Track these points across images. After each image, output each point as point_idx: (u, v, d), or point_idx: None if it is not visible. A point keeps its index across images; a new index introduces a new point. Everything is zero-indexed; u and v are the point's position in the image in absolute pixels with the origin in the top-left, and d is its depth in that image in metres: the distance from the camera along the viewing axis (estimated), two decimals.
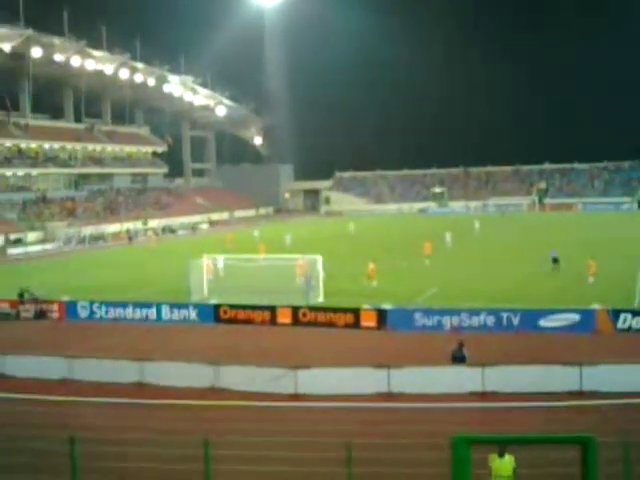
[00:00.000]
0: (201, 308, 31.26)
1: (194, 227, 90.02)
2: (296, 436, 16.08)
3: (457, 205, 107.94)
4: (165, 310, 31.19)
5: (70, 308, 32.69)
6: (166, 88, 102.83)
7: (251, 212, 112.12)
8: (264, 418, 18.16)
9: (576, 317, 26.12)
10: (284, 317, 29.46)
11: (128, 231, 78.96)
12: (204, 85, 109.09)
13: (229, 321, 30.02)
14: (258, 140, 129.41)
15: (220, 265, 40.25)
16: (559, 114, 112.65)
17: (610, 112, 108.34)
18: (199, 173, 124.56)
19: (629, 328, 25.61)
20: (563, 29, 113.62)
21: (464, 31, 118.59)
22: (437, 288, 36.27)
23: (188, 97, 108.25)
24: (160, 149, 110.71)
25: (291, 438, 15.91)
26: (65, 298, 33.45)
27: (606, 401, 18.01)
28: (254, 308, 30.23)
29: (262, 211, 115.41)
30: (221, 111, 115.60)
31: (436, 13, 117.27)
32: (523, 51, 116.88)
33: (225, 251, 47.35)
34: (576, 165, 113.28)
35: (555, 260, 40.57)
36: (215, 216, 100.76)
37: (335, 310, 29.21)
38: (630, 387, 18.31)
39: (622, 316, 25.79)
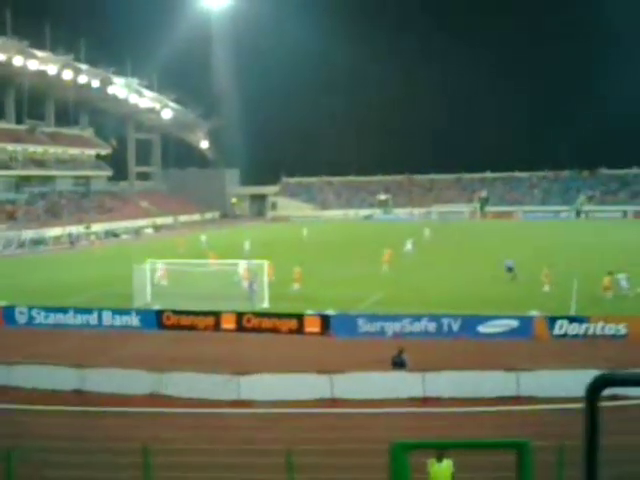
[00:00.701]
0: (144, 314, 30.94)
1: (138, 231, 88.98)
2: (238, 443, 16.10)
3: (401, 212, 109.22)
4: (106, 316, 30.76)
5: (7, 313, 31.94)
6: (111, 90, 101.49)
7: (196, 217, 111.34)
8: (206, 425, 18.12)
9: (514, 323, 26.79)
10: (228, 323, 29.43)
11: (70, 235, 77.60)
12: (150, 88, 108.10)
13: (172, 327, 29.80)
14: (204, 144, 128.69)
15: (159, 272, 39.85)
16: (500, 123, 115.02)
17: (549, 122, 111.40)
18: (144, 177, 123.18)
19: (565, 334, 26.39)
20: (509, 37, 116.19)
21: (413, 37, 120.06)
22: (381, 294, 36.68)
23: (133, 99, 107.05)
24: (104, 152, 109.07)
25: (233, 445, 15.93)
26: (2, 303, 32.70)
27: (542, 406, 18.49)
28: (198, 314, 30.10)
29: (208, 216, 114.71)
30: (167, 114, 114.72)
31: (384, 19, 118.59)
32: (469, 60, 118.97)
33: (177, 256, 47.05)
34: (516, 174, 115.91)
35: (510, 269, 40.98)
36: (160, 220, 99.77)
37: (279, 316, 29.34)
38: (565, 392, 18.85)
39: (558, 322, 26.55)
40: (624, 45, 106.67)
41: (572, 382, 19.43)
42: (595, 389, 2.59)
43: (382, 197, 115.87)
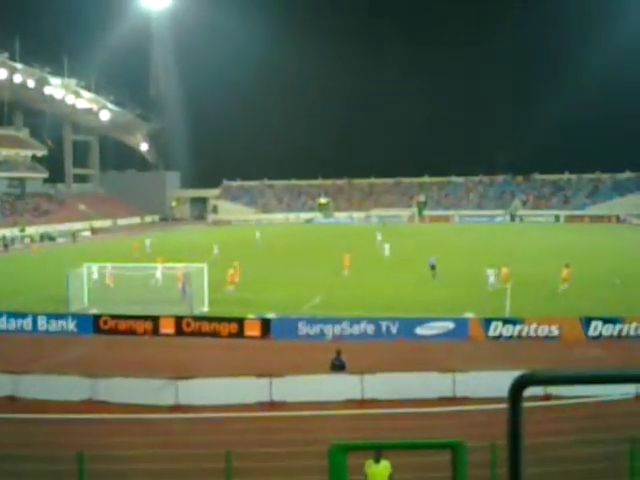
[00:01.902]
0: (80, 319, 30.34)
1: (75, 235, 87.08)
2: (176, 448, 15.99)
3: (342, 216, 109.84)
4: (41, 320, 30.04)
5: None
6: (47, 90, 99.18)
7: (136, 220, 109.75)
8: (143, 430, 17.92)
9: (450, 325, 27.31)
10: (167, 327, 29.12)
11: (4, 238, 75.53)
12: (88, 88, 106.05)
13: (110, 332, 29.32)
14: (144, 146, 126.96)
15: (95, 276, 39.24)
16: (438, 129, 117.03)
17: (485, 128, 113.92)
18: (82, 179, 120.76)
19: (500, 336, 27.03)
20: (447, 43, 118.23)
21: (354, 42, 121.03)
22: (321, 297, 36.85)
23: (70, 100, 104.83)
24: (40, 153, 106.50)
25: (171, 450, 15.82)
26: None
27: (476, 406, 18.89)
28: (136, 318, 29.68)
29: (147, 219, 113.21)
30: (105, 115, 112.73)
31: (326, 22, 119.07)
32: (407, 66, 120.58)
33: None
34: (453, 179, 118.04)
35: (433, 267, 42.93)
36: (98, 224, 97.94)
37: (219, 320, 29.18)
38: (498, 392, 19.25)
39: (493, 324, 27.17)
40: (560, 55, 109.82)
41: (505, 383, 19.76)
42: (517, 388, 2.63)
43: (323, 201, 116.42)
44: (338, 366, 20.90)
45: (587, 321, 26.97)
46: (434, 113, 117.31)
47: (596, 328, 26.72)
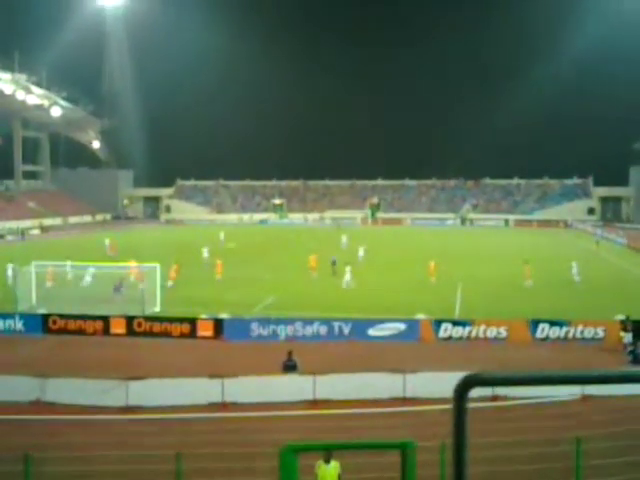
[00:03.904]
0: (28, 318, 29.78)
1: (24, 233, 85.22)
2: (126, 449, 15.86)
3: (296, 217, 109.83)
4: None
5: None
6: None
7: (87, 218, 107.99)
8: (92, 432, 17.72)
9: (402, 327, 27.60)
10: (118, 327, 28.79)
11: None
12: (39, 84, 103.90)
13: (59, 331, 28.86)
14: (96, 144, 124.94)
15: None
16: (392, 133, 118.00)
17: (437, 134, 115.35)
18: (32, 176, 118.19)
19: (450, 337, 27.43)
20: (392, 49, 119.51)
21: (309, 46, 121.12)
22: (274, 297, 36.85)
23: (21, 96, 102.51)
24: None
25: (120, 451, 15.68)
26: None
27: (426, 406, 19.14)
28: (86, 318, 29.28)
29: (99, 217, 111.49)
30: (56, 112, 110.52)
31: (281, 24, 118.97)
32: (360, 70, 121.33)
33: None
34: (406, 182, 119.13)
35: (334, 263, 45.02)
36: (48, 221, 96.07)
37: (171, 320, 28.97)
38: (448, 393, 19.48)
39: (443, 326, 27.57)
40: (511, 63, 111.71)
41: (454, 383, 20.22)
42: (462, 389, 2.66)
43: (277, 202, 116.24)
44: (290, 367, 20.96)
45: (534, 323, 27.57)
46: (388, 117, 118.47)
47: (543, 330, 27.33)
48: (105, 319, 28.98)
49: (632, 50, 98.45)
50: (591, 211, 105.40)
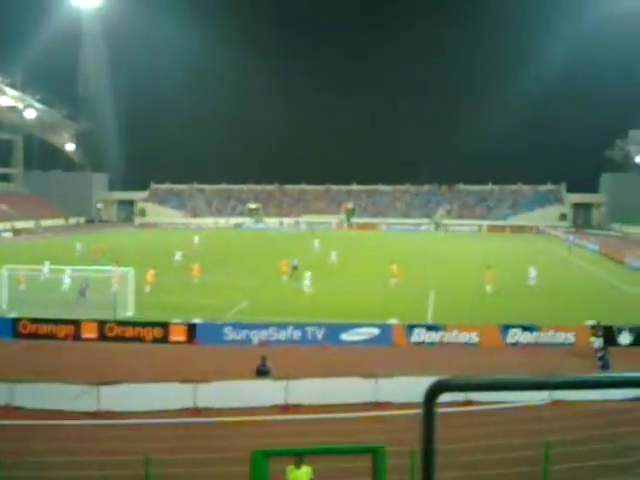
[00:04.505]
0: None
1: None
2: (96, 455, 15.72)
3: (271, 221, 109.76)
4: None
5: None
6: None
7: (60, 221, 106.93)
8: (63, 437, 17.52)
9: (375, 331, 27.69)
10: (89, 332, 28.51)
11: None
12: (13, 86, 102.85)
13: (29, 336, 28.51)
14: (71, 146, 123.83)
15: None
16: (367, 139, 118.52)
17: (412, 140, 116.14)
18: (4, 178, 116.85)
19: (422, 342, 27.57)
20: (367, 58, 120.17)
21: (285, 50, 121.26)
22: (247, 302, 36.76)
23: None
24: None
25: (92, 457, 15.53)
26: None
27: (398, 411, 19.20)
28: (57, 322, 28.95)
29: (72, 221, 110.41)
30: (31, 114, 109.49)
31: (257, 27, 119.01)
32: (338, 76, 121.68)
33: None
34: (380, 187, 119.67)
35: (295, 268, 45.36)
36: (20, 224, 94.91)
37: (143, 324, 28.76)
38: (420, 397, 19.58)
39: (416, 330, 27.72)
40: (485, 71, 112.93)
41: (426, 387, 20.33)
42: (432, 394, 2.68)
43: (252, 206, 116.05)
44: (263, 372, 20.92)
45: (505, 328, 27.81)
46: (364, 123, 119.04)
47: (514, 335, 27.57)
48: (76, 323, 28.68)
49: (605, 59, 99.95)
50: (563, 217, 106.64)
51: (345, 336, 27.55)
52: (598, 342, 25.68)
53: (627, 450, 16.29)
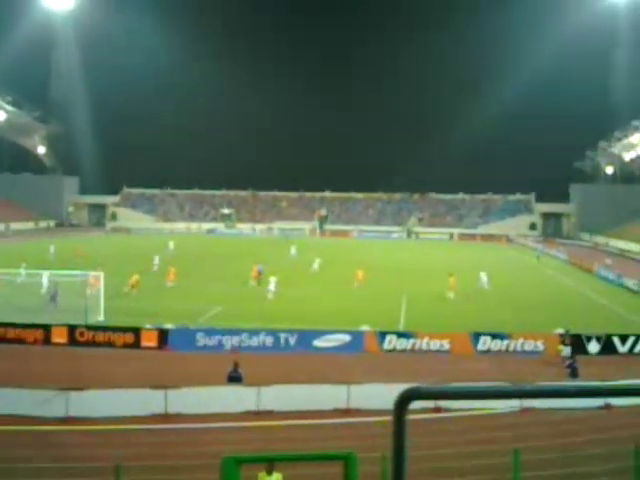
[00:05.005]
0: None
1: None
2: (64, 461, 15.57)
3: (244, 227, 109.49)
4: None
5: None
6: None
7: (30, 225, 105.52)
8: (31, 443, 17.32)
9: (347, 338, 27.79)
10: (59, 336, 28.22)
11: None
12: None
13: None
14: (42, 149, 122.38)
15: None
16: (340, 147, 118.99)
17: (385, 148, 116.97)
18: None
19: (394, 349, 27.71)
20: (343, 64, 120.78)
21: (259, 54, 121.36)
22: (220, 308, 36.65)
23: None
24: None
25: (59, 464, 15.38)
26: None
27: (370, 418, 19.29)
28: (26, 327, 28.62)
29: (43, 224, 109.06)
30: (0, 116, 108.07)
31: (230, 31, 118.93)
32: (310, 85, 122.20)
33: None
34: (353, 194, 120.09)
35: (260, 273, 45.75)
36: None
37: (114, 329, 28.55)
38: (391, 404, 19.69)
39: (388, 337, 27.86)
40: (458, 83, 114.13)
41: (397, 395, 20.45)
42: (402, 402, 2.72)
43: (225, 211, 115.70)
44: (235, 378, 20.88)
45: (476, 336, 28.07)
46: (338, 130, 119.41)
47: (485, 343, 27.84)
48: (46, 328, 28.38)
49: (576, 71, 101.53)
50: (533, 226, 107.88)
51: (317, 342, 27.61)
52: (566, 350, 26.04)
53: (594, 458, 16.52)
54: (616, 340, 28.03)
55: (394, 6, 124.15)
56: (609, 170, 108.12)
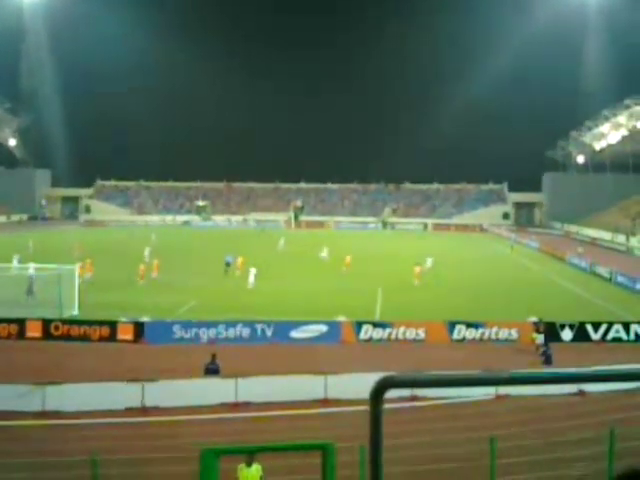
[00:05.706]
0: None
1: None
2: (41, 455, 15.50)
3: (219, 219, 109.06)
4: None
5: None
6: None
7: (2, 219, 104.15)
8: (7, 438, 17.21)
9: (324, 328, 27.90)
10: (34, 330, 27.98)
11: None
12: None
13: None
14: (12, 142, 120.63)
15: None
16: (315, 137, 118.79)
17: (359, 139, 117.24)
18: None
19: (370, 338, 27.89)
20: (319, 59, 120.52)
21: (232, 47, 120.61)
22: (195, 301, 36.55)
23: None
24: None
25: (35, 458, 15.31)
26: None
27: (347, 408, 19.40)
28: None
29: (15, 218, 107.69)
30: None
31: (203, 22, 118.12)
32: (289, 76, 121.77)
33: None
34: (329, 185, 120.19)
35: (228, 264, 46.24)
36: None
37: (90, 323, 28.38)
38: (368, 394, 19.83)
39: (364, 327, 28.02)
40: (430, 71, 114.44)
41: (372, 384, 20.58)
42: (378, 391, 2.69)
43: (200, 203, 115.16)
44: (212, 370, 20.88)
45: (451, 325, 28.33)
46: (313, 121, 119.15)
47: (460, 331, 28.11)
48: (20, 322, 28.14)
49: (548, 62, 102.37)
50: (506, 216, 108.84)
51: (294, 333, 27.69)
52: (540, 338, 26.36)
53: (569, 444, 16.79)
54: (589, 327, 28.45)
55: (360, 5, 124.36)
56: (580, 159, 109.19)
